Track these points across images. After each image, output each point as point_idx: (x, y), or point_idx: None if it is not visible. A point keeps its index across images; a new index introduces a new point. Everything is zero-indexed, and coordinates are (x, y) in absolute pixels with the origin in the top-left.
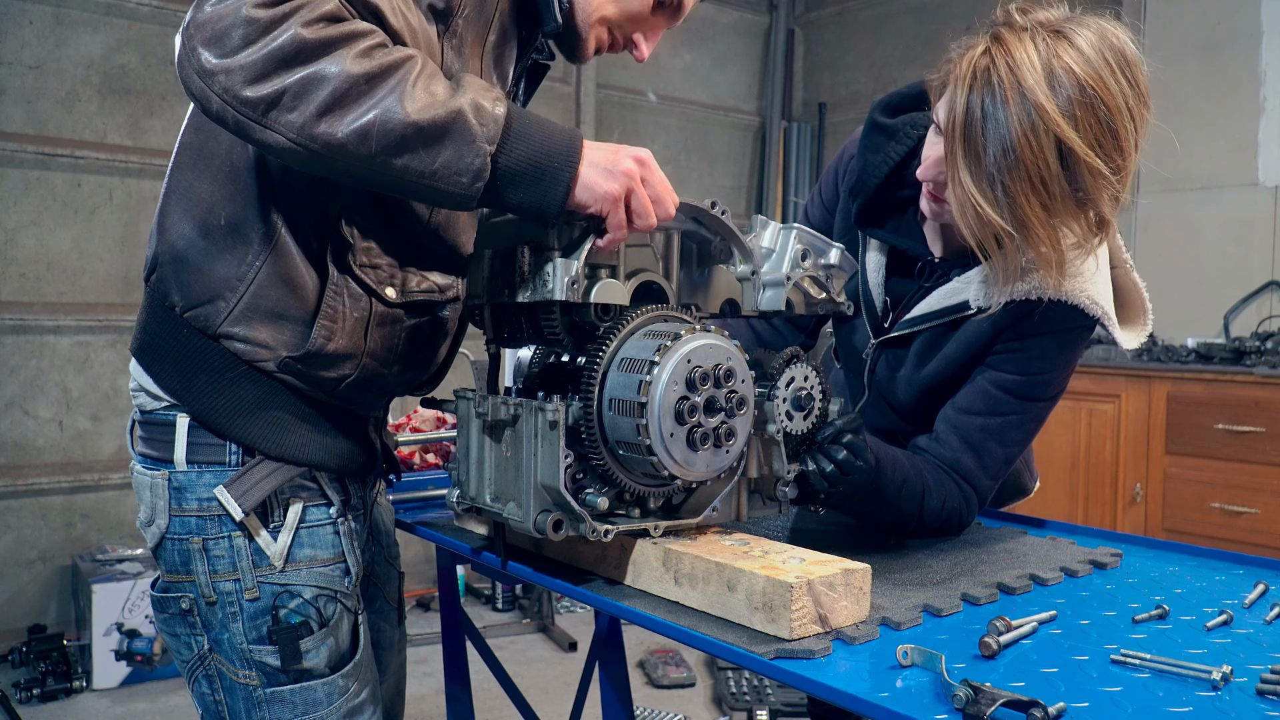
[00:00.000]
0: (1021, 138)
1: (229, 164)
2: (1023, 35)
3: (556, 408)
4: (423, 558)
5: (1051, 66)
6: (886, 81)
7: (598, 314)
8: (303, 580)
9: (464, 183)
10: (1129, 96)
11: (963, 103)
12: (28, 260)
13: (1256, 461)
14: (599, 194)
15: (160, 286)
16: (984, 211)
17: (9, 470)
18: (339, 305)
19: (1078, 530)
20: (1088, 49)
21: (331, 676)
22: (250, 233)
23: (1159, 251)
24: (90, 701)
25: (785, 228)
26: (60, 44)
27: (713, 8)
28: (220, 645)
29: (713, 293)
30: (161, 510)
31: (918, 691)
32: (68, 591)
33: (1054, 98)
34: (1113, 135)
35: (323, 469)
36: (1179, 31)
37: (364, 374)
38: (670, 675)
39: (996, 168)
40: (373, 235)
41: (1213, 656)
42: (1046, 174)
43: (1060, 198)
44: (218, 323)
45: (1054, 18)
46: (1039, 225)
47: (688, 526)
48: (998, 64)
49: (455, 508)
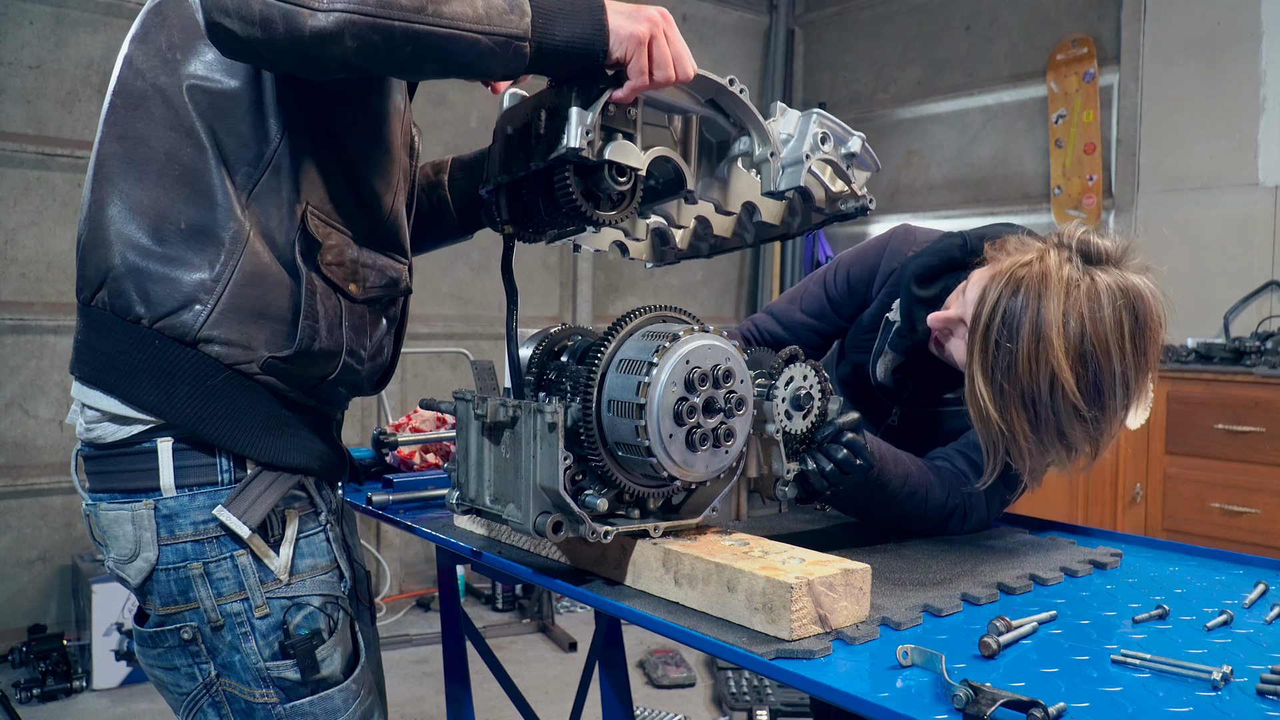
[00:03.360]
0: (1025, 359)
1: (177, 166)
2: (1064, 266)
3: (555, 409)
4: (423, 558)
5: (1067, 314)
6: (886, 81)
7: (613, 175)
8: (309, 590)
9: (514, 20)
10: (1128, 364)
11: (990, 305)
12: (28, 260)
13: (1256, 461)
14: (624, 35)
15: (116, 301)
16: (986, 407)
17: (9, 470)
18: (317, 304)
19: (1078, 530)
20: (1108, 306)
21: (346, 682)
22: (218, 233)
23: (1159, 252)
24: (90, 701)
25: (805, 113)
26: (60, 44)
27: (713, 8)
28: (231, 669)
29: (732, 192)
30: (148, 542)
31: (918, 691)
32: (68, 591)
33: (1063, 336)
34: (1096, 389)
35: (309, 473)
36: (1179, 31)
37: (342, 372)
38: (670, 675)
39: (1000, 373)
40: (335, 234)
41: (1213, 656)
42: (1037, 396)
43: (1045, 421)
44: (195, 328)
45: (1106, 248)
46: (1023, 439)
47: (687, 527)
48: (1030, 289)
49: (455, 509)
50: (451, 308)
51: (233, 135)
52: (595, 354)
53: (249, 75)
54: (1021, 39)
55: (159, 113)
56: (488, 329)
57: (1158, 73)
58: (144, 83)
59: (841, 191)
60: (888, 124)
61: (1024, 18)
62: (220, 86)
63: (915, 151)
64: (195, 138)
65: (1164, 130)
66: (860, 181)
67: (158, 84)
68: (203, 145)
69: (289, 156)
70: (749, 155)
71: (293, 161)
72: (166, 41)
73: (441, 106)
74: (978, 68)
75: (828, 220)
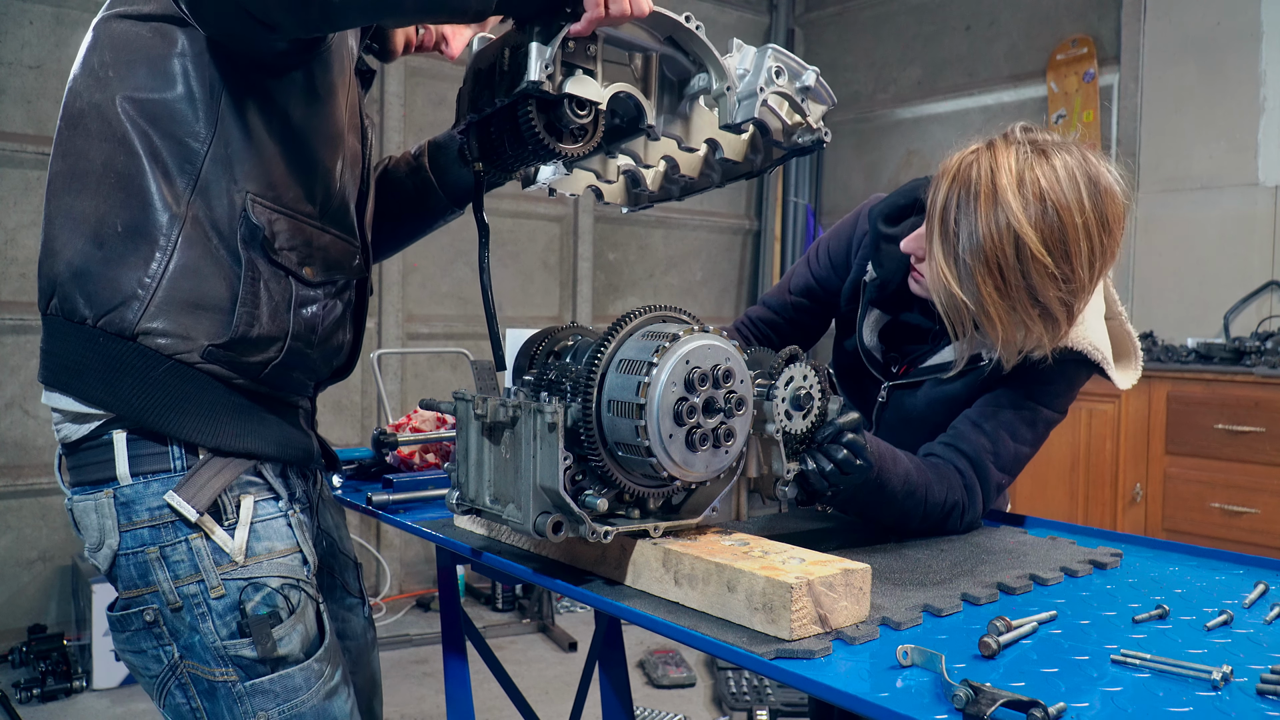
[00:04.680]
0: (985, 225)
1: (113, 174)
2: (1011, 147)
3: (555, 409)
4: (423, 558)
5: (1024, 175)
6: (886, 81)
7: (573, 109)
8: (265, 572)
9: None
10: (1088, 217)
11: (944, 190)
12: (28, 260)
13: (1256, 461)
14: None
15: (64, 305)
16: (950, 286)
17: (9, 470)
18: (259, 290)
19: (1078, 530)
20: (1061, 169)
21: (307, 662)
22: (153, 231)
23: (1159, 251)
24: (90, 701)
25: (761, 49)
26: (60, 44)
27: (713, 8)
28: (192, 650)
29: (694, 128)
30: (110, 529)
31: (918, 691)
32: (68, 591)
33: (1019, 197)
34: (1062, 243)
35: (262, 458)
36: (1179, 31)
37: (288, 356)
38: (670, 675)
39: (962, 248)
40: (282, 219)
41: (1213, 656)
42: (1004, 262)
43: (1014, 286)
44: (134, 321)
45: (1046, 140)
46: (992, 307)
47: (687, 527)
48: (981, 164)
49: (455, 509)
50: (451, 308)
51: (167, 138)
52: (595, 354)
53: (178, 81)
54: (1021, 39)
55: (95, 127)
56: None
57: (1158, 73)
58: (81, 102)
59: (797, 124)
60: (887, 124)
61: (1024, 18)
62: (150, 96)
63: (915, 151)
64: (128, 145)
65: (1164, 130)
66: (816, 115)
67: (93, 101)
68: (135, 152)
69: (225, 149)
70: (707, 91)
71: (229, 153)
72: (99, 61)
73: (441, 106)
74: (978, 68)
75: (787, 155)
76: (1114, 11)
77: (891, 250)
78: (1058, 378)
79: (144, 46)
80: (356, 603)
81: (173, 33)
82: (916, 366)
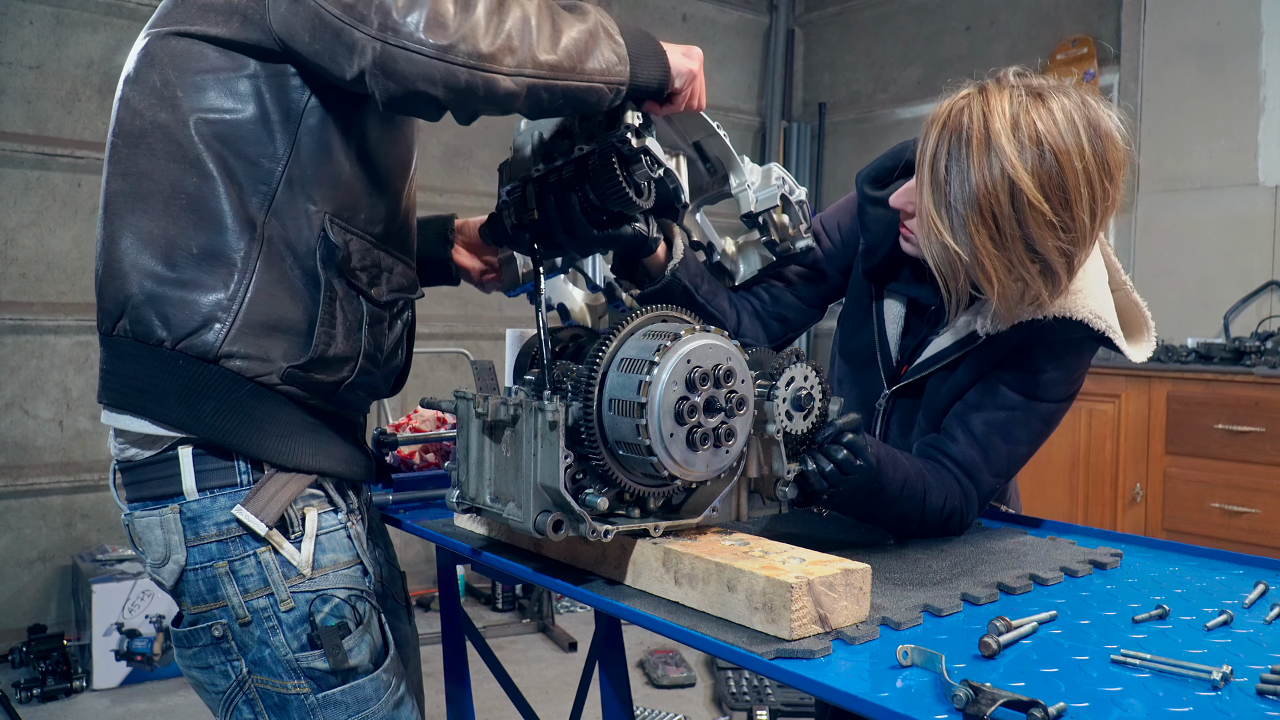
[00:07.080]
0: (979, 172)
1: (183, 195)
2: (1004, 90)
3: (556, 408)
4: (423, 558)
5: (1019, 119)
6: (886, 81)
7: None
8: (332, 584)
9: (623, 70)
10: (1089, 162)
11: (934, 138)
12: (28, 260)
13: (1256, 461)
14: (683, 70)
15: (136, 328)
16: (943, 237)
17: (9, 470)
18: (335, 310)
19: (1078, 530)
20: (1059, 112)
21: (376, 672)
22: (229, 253)
23: (1159, 251)
24: (90, 701)
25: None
26: (60, 44)
27: (713, 8)
28: (262, 664)
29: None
30: (176, 545)
31: (918, 691)
32: (68, 591)
33: (1014, 142)
34: (1061, 190)
35: (331, 475)
36: (1179, 31)
37: (359, 375)
38: (670, 675)
39: (955, 197)
40: (355, 239)
41: (1213, 656)
42: (998, 210)
43: (1010, 237)
44: (216, 344)
45: (1042, 83)
46: (987, 258)
47: (688, 527)
48: (973, 109)
49: (455, 508)
50: (451, 308)
51: (240, 159)
52: (596, 353)
53: (250, 102)
54: (1021, 39)
55: (161, 148)
56: (488, 329)
57: (1158, 73)
58: (143, 121)
59: (796, 231)
60: (888, 124)
61: (1024, 18)
62: (223, 117)
63: None
64: (200, 167)
65: (1164, 130)
66: (805, 227)
67: (158, 121)
68: (208, 173)
69: (301, 170)
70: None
71: (306, 175)
72: (161, 80)
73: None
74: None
75: (778, 263)
76: (1114, 11)
77: (879, 213)
78: (1057, 354)
79: (211, 67)
80: (403, 610)
81: (242, 57)
82: (914, 363)
